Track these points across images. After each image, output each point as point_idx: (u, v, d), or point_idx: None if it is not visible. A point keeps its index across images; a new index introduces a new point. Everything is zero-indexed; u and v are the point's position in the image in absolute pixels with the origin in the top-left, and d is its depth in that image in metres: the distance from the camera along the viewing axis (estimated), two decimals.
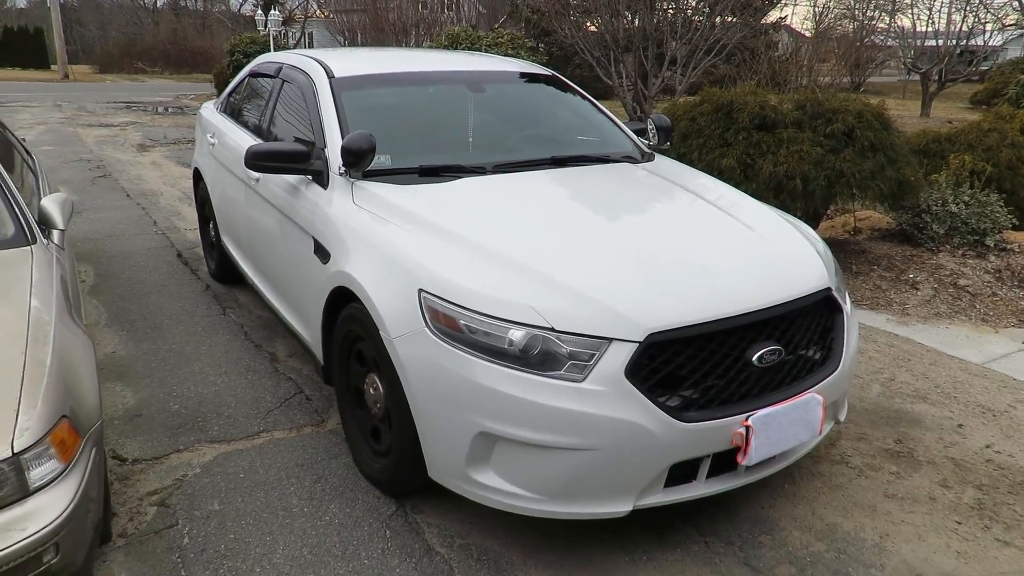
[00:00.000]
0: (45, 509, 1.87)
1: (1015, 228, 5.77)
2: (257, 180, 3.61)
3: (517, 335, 2.16)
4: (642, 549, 2.47)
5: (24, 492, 1.85)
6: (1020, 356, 4.13)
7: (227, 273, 4.74)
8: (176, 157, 10.28)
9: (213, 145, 4.53)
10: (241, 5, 42.92)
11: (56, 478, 1.92)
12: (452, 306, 2.24)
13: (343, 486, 2.75)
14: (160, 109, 17.54)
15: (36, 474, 1.88)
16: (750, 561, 2.43)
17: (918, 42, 22.44)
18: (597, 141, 3.71)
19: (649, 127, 3.85)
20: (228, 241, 4.46)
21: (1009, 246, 5.61)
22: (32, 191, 3.62)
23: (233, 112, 4.56)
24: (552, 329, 2.15)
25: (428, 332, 2.27)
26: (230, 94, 4.78)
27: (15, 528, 1.80)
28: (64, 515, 1.89)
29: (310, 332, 3.14)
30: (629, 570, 2.38)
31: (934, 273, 5.16)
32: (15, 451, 1.82)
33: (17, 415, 1.89)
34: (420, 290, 2.32)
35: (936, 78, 20.28)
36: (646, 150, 3.72)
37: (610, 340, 2.14)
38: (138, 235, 6.13)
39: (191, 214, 6.83)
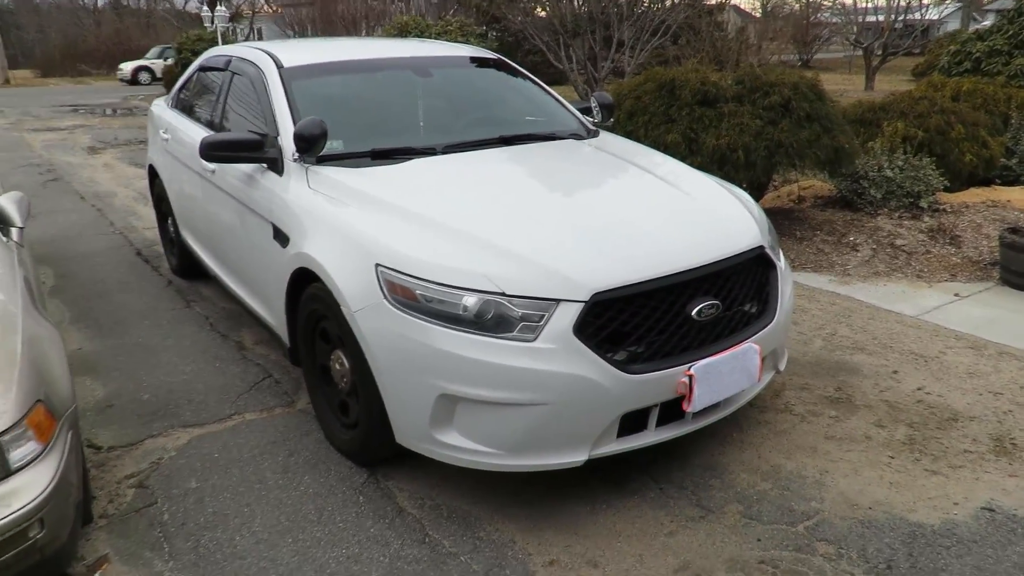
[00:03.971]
0: (28, 487, 1.95)
1: (947, 190, 6.08)
2: (213, 171, 3.68)
3: (471, 301, 2.30)
4: (602, 499, 2.63)
5: (6, 472, 1.94)
6: (951, 307, 4.40)
7: (189, 268, 4.79)
8: (129, 158, 10.15)
9: (167, 141, 4.56)
10: (186, 2, 42.04)
11: (36, 458, 2.01)
12: (408, 278, 2.37)
13: (315, 459, 2.87)
14: (108, 111, 17.21)
15: (16, 455, 1.96)
16: (702, 502, 2.61)
17: (860, 18, 23.07)
18: (544, 120, 3.85)
19: (593, 105, 4.01)
20: (188, 235, 4.51)
21: (942, 207, 5.92)
22: None
23: (184, 107, 4.59)
24: (503, 294, 2.29)
25: (387, 304, 2.40)
26: (180, 89, 4.80)
27: (1, 505, 1.89)
28: (46, 492, 1.98)
29: (275, 316, 3.24)
30: (589, 518, 2.54)
31: (873, 235, 5.43)
32: None
33: None
34: (377, 264, 2.44)
35: (878, 52, 20.90)
36: (591, 127, 3.88)
37: (558, 301, 2.30)
38: (95, 236, 6.11)
39: (148, 213, 6.80)
